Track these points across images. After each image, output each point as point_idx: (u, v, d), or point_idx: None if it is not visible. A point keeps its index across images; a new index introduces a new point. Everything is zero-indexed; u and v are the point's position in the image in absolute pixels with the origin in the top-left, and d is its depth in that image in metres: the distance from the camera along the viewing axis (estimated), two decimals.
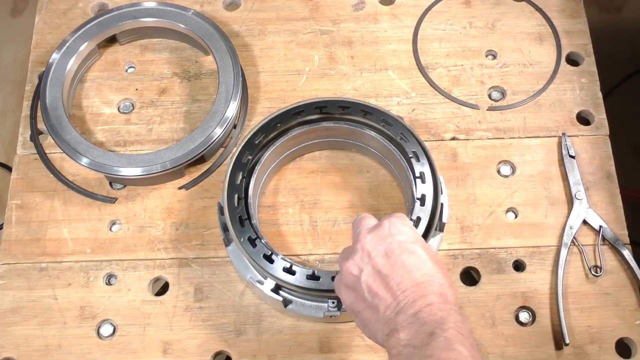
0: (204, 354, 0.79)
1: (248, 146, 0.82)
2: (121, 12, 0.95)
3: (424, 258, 0.61)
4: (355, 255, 0.63)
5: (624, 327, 0.79)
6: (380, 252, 0.62)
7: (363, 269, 0.62)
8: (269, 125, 0.84)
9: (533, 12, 1.00)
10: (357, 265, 0.63)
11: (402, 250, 0.61)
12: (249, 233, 0.77)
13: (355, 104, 0.85)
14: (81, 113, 0.94)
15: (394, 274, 0.60)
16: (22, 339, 0.81)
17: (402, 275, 0.60)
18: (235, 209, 0.78)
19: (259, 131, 0.83)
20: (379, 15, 1.00)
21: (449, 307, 0.58)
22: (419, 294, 0.58)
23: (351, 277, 0.63)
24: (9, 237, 0.86)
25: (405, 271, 0.60)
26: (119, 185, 0.89)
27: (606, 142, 0.90)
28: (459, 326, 0.56)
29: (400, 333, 0.57)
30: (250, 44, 0.98)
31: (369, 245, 0.63)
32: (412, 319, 0.57)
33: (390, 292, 0.60)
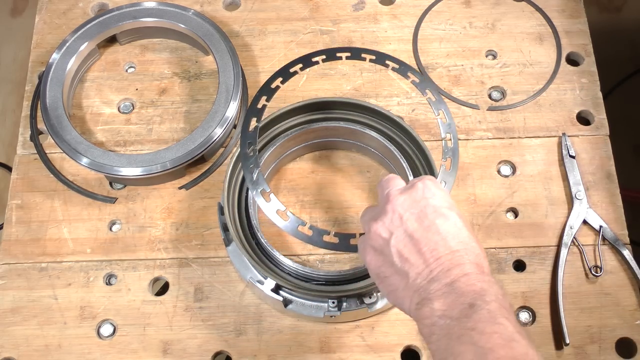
0: (204, 354, 0.79)
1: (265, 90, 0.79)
2: (121, 12, 0.95)
3: (460, 225, 0.58)
4: (384, 216, 0.59)
5: (624, 327, 0.80)
6: (413, 216, 0.58)
7: (393, 232, 0.58)
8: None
9: (533, 12, 1.00)
10: (387, 227, 0.59)
11: (436, 214, 0.58)
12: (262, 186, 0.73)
13: (355, 104, 0.86)
14: (81, 113, 0.94)
15: (428, 239, 0.57)
16: (22, 339, 0.81)
17: (437, 242, 0.56)
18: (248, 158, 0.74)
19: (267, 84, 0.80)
20: (379, 15, 1.00)
21: (487, 278, 0.55)
22: (455, 263, 0.55)
23: (379, 240, 0.59)
24: (9, 237, 0.86)
25: (440, 237, 0.56)
26: (119, 185, 0.89)
27: (606, 142, 0.90)
28: (501, 299, 0.53)
29: (434, 303, 0.53)
30: (250, 44, 0.98)
31: (401, 208, 0.59)
32: (447, 288, 0.54)
33: (422, 258, 0.56)
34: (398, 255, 0.57)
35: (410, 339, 0.79)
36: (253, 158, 0.74)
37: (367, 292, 0.77)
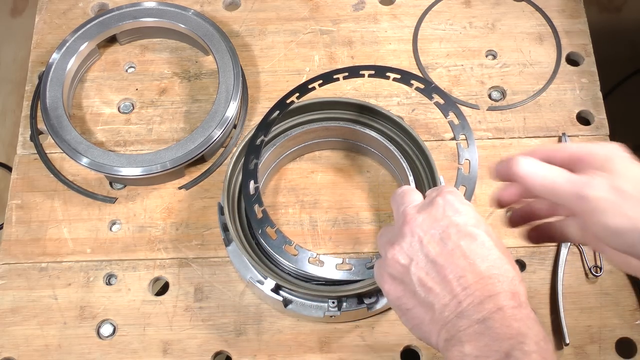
0: (204, 354, 0.79)
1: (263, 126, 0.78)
2: (121, 12, 0.95)
3: (489, 245, 0.51)
4: (403, 240, 0.53)
5: (624, 327, 0.80)
6: (434, 238, 0.52)
7: (413, 257, 0.52)
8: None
9: (533, 12, 1.00)
10: (406, 252, 0.52)
11: (461, 235, 0.51)
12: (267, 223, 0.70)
13: (355, 104, 0.86)
14: (81, 113, 0.94)
15: (453, 265, 0.50)
16: (22, 339, 0.81)
17: (464, 267, 0.50)
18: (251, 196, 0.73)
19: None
20: (379, 15, 1.00)
21: (525, 313, 0.48)
22: (486, 293, 0.49)
23: (398, 267, 0.53)
24: (9, 237, 0.86)
25: (467, 262, 0.50)
26: (119, 185, 0.89)
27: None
28: (542, 346, 0.47)
29: (465, 345, 0.47)
30: (250, 44, 0.98)
31: (420, 229, 0.52)
32: (479, 327, 0.48)
33: (448, 287, 0.50)
34: (420, 285, 0.51)
35: (410, 339, 0.79)
36: (256, 196, 0.73)
37: (367, 292, 0.77)
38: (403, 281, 0.53)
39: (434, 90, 0.68)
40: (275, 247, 0.70)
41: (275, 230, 0.70)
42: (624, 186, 0.48)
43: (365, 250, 0.84)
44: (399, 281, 0.53)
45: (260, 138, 0.76)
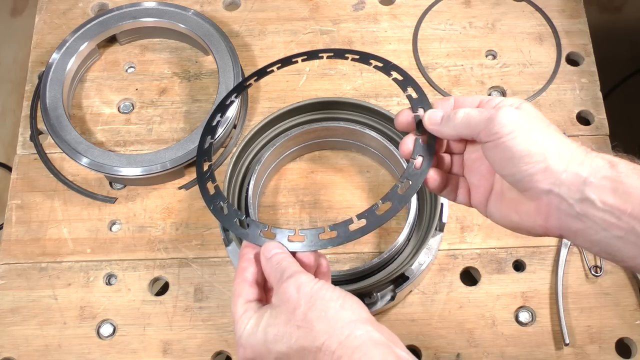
0: (204, 354, 0.79)
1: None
2: (121, 12, 0.95)
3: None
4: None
5: (624, 327, 0.79)
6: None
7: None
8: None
9: (533, 12, 1.00)
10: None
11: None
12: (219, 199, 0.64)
13: (355, 104, 0.86)
14: (81, 113, 0.94)
15: None
16: (22, 339, 0.81)
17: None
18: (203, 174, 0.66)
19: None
20: (379, 15, 1.00)
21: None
22: None
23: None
24: (9, 237, 0.86)
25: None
26: (119, 185, 0.89)
27: (606, 142, 0.90)
28: None
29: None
30: (250, 44, 0.98)
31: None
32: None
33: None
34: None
35: (410, 339, 0.79)
36: (209, 173, 0.65)
37: (367, 292, 0.77)
38: None
39: (393, 68, 0.68)
40: (226, 222, 0.62)
41: (226, 205, 0.63)
42: (531, 114, 0.54)
43: (365, 250, 0.84)
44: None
45: (216, 119, 0.71)
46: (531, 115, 0.53)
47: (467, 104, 0.58)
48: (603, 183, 0.49)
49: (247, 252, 0.58)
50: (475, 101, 0.58)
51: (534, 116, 0.54)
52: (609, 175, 0.49)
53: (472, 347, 0.79)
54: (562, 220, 0.51)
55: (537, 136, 0.52)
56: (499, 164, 0.53)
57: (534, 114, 0.54)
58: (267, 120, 0.85)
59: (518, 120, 0.52)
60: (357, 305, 0.53)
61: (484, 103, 0.57)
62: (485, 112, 0.54)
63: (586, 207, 0.50)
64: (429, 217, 0.80)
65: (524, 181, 0.52)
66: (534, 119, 0.53)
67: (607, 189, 0.49)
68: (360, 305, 0.53)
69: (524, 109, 0.54)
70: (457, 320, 0.80)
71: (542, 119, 0.54)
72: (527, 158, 0.51)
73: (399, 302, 0.80)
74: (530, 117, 0.53)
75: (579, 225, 0.50)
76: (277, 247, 0.57)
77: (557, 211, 0.51)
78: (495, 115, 0.52)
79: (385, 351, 0.49)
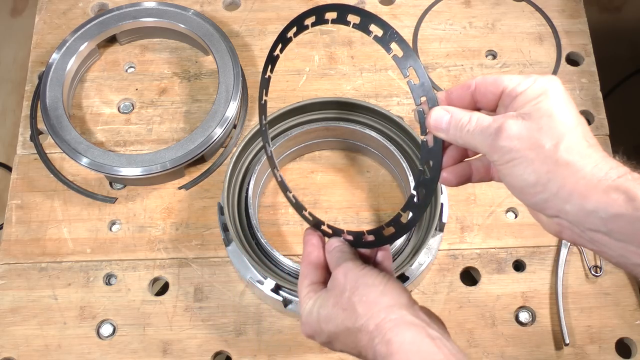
0: (204, 354, 0.79)
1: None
2: (121, 12, 0.95)
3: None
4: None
5: (624, 327, 0.79)
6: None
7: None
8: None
9: (533, 12, 1.00)
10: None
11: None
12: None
13: (355, 104, 0.86)
14: (81, 113, 0.94)
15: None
16: (22, 339, 0.80)
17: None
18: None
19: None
20: (379, 15, 1.00)
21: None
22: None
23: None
24: (9, 237, 0.86)
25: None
26: (119, 185, 0.89)
27: (606, 142, 0.90)
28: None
29: None
30: (250, 44, 0.98)
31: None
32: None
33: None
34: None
35: None
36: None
37: None
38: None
39: (372, 20, 0.60)
40: (297, 210, 0.66)
41: (292, 195, 0.66)
42: (541, 139, 0.48)
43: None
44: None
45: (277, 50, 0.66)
46: (542, 124, 0.48)
47: (488, 92, 0.52)
48: (617, 221, 0.46)
49: (310, 238, 0.64)
50: (498, 87, 0.52)
51: (546, 123, 0.48)
52: (624, 213, 0.45)
53: (472, 347, 0.79)
54: (575, 238, 0.50)
55: (538, 162, 0.48)
56: (505, 184, 0.51)
57: (547, 116, 0.48)
58: (267, 120, 0.85)
59: (520, 142, 0.48)
60: (397, 291, 0.56)
61: (506, 94, 0.51)
62: (486, 136, 0.50)
63: (599, 236, 0.47)
64: (428, 217, 0.80)
65: (529, 205, 0.51)
66: (542, 134, 0.48)
67: (622, 224, 0.46)
68: (401, 291, 0.57)
69: (537, 113, 0.49)
70: (457, 320, 0.80)
71: (560, 122, 0.48)
72: (527, 189, 0.49)
73: None
74: (539, 130, 0.48)
75: (593, 247, 0.49)
76: (337, 241, 0.62)
77: (570, 231, 0.49)
78: (496, 142, 0.49)
79: (417, 330, 0.53)
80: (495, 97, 0.52)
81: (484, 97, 0.53)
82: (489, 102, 0.52)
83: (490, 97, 0.52)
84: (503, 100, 0.51)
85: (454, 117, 0.52)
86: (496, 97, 0.52)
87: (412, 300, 0.57)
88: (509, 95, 0.50)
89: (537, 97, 0.49)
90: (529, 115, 0.49)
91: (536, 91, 0.49)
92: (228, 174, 0.81)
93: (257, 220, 0.82)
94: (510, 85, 0.51)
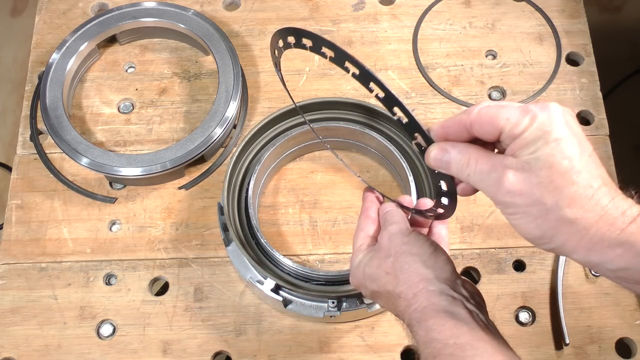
0: (204, 354, 0.79)
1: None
2: (121, 12, 0.95)
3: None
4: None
5: (624, 327, 0.79)
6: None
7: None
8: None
9: (533, 12, 1.00)
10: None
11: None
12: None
13: (355, 104, 0.86)
14: (81, 113, 0.94)
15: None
16: (22, 339, 0.80)
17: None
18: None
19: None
20: (379, 15, 1.00)
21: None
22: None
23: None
24: (9, 237, 0.86)
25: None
26: (119, 185, 0.89)
27: (606, 142, 0.90)
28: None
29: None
30: (250, 44, 0.98)
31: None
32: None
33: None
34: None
35: (410, 339, 0.79)
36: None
37: None
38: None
39: (347, 58, 0.57)
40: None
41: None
42: (542, 196, 0.47)
43: None
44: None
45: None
46: (541, 177, 0.46)
47: (485, 131, 0.50)
48: (625, 272, 0.46)
49: (369, 195, 0.66)
50: (495, 127, 0.49)
51: (546, 176, 0.46)
52: (633, 266, 0.45)
53: None
54: (584, 263, 0.50)
55: (541, 219, 0.47)
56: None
57: (547, 167, 0.46)
58: (267, 120, 0.85)
59: (521, 197, 0.47)
60: (440, 263, 0.57)
61: (505, 135, 0.48)
62: (494, 175, 0.49)
63: (602, 271, 0.48)
64: None
65: (546, 249, 0.50)
66: (543, 190, 0.46)
67: (630, 274, 0.46)
68: (444, 263, 0.58)
69: (536, 164, 0.47)
70: None
71: (559, 175, 0.46)
72: (532, 239, 0.49)
73: None
74: (539, 185, 0.46)
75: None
76: (391, 205, 0.64)
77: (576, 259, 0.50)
78: (497, 197, 0.49)
79: (455, 303, 0.54)
80: (494, 134, 0.49)
81: (482, 134, 0.50)
82: (488, 137, 0.50)
83: (488, 135, 0.50)
84: (503, 139, 0.49)
85: (452, 158, 0.52)
86: (495, 133, 0.49)
87: (454, 274, 0.58)
88: (508, 137, 0.48)
89: (535, 141, 0.47)
90: (529, 165, 0.47)
91: (534, 134, 0.47)
92: (228, 174, 0.81)
93: (257, 220, 0.82)
94: (508, 127, 0.48)
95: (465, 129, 0.51)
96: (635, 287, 0.48)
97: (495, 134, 0.49)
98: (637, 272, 0.46)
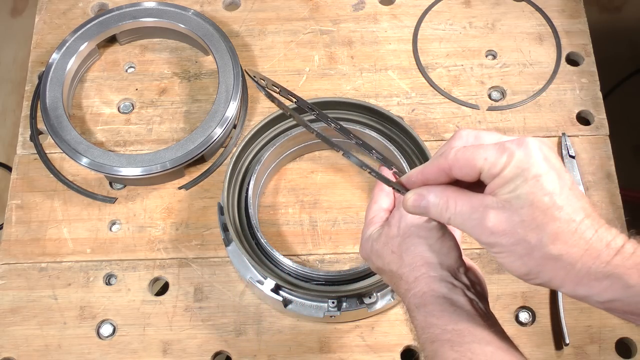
0: (204, 354, 0.79)
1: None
2: (121, 12, 0.95)
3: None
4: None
5: (624, 327, 0.79)
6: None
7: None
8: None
9: (533, 12, 1.00)
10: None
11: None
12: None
13: (355, 104, 0.86)
14: (81, 113, 0.94)
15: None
16: (22, 339, 0.80)
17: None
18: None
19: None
20: (379, 15, 1.00)
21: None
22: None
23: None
24: (9, 237, 0.86)
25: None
26: (119, 185, 0.89)
27: (606, 142, 0.90)
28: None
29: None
30: (250, 44, 0.98)
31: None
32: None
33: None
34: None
35: (410, 339, 0.79)
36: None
37: (367, 292, 0.77)
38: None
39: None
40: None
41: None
42: (525, 235, 0.47)
43: None
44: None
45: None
46: (522, 216, 0.46)
47: (465, 173, 0.49)
48: (614, 303, 0.47)
49: (384, 170, 0.64)
50: (473, 169, 0.49)
51: (527, 214, 0.46)
52: (620, 298, 0.46)
53: None
54: (573, 296, 0.50)
55: (527, 257, 0.48)
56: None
57: (527, 205, 0.46)
58: (267, 120, 0.85)
59: (504, 237, 0.47)
60: (446, 249, 0.57)
61: (484, 175, 0.48)
62: (475, 217, 0.49)
63: (592, 303, 0.48)
64: None
65: (537, 285, 0.51)
66: (525, 228, 0.46)
67: (619, 305, 0.47)
68: (450, 250, 0.57)
69: (516, 202, 0.46)
70: None
71: (541, 212, 0.46)
72: (520, 276, 0.50)
73: (399, 302, 0.80)
74: (521, 223, 0.47)
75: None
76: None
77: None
78: (481, 230, 0.48)
79: (454, 290, 0.55)
80: (474, 175, 0.49)
81: (462, 176, 0.50)
82: (468, 178, 0.50)
83: (468, 177, 0.49)
84: (483, 179, 0.49)
85: (430, 203, 0.52)
86: (475, 175, 0.49)
87: (459, 261, 0.57)
88: (487, 176, 0.48)
89: (514, 179, 0.47)
90: (509, 204, 0.47)
91: (513, 172, 0.47)
92: (228, 174, 0.81)
93: (257, 220, 0.82)
94: (486, 167, 0.48)
95: (444, 173, 0.51)
96: (625, 316, 0.48)
97: (475, 175, 0.49)
98: (625, 304, 0.46)
